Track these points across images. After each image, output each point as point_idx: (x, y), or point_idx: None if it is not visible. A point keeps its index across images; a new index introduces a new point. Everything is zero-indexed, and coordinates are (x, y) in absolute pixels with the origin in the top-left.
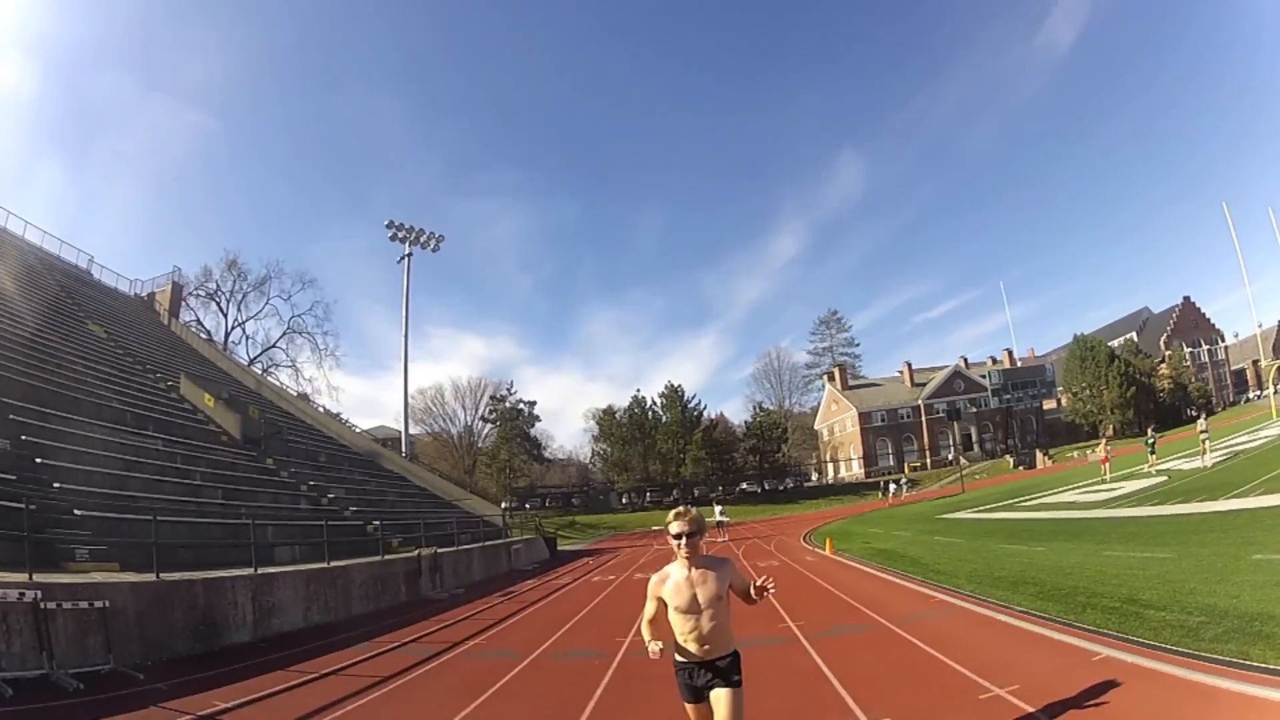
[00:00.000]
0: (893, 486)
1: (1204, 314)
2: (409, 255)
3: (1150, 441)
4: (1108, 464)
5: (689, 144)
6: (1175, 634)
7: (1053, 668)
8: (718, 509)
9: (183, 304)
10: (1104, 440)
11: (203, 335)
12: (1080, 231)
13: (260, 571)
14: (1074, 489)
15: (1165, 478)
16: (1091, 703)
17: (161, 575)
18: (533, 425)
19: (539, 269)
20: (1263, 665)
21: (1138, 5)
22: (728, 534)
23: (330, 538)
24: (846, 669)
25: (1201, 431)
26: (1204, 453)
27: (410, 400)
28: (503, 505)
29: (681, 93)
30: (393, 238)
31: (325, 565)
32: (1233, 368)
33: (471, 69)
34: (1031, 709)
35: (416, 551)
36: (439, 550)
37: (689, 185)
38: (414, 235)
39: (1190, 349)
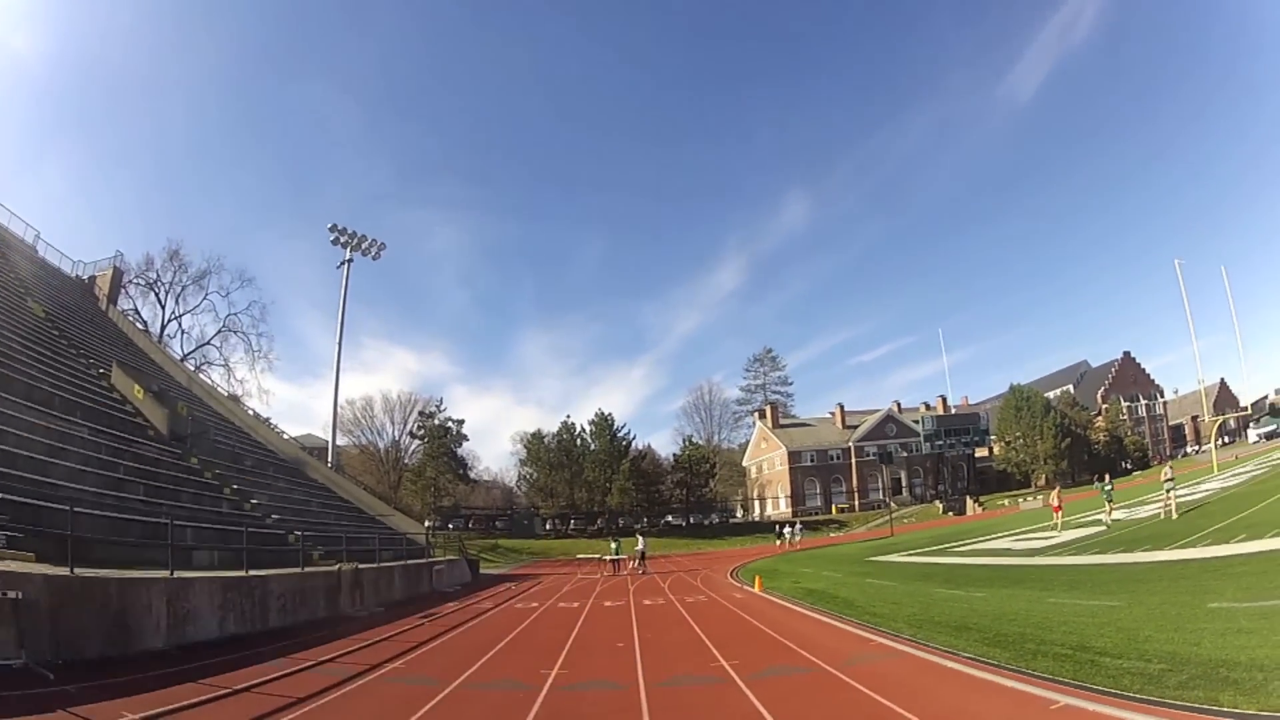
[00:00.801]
0: (787, 530)
1: (1143, 369)
2: (349, 261)
3: (1107, 489)
4: (1060, 512)
5: (636, 170)
6: (1136, 681)
7: (1009, 716)
8: (640, 540)
9: (122, 291)
10: (1055, 489)
11: (139, 325)
12: (1024, 283)
13: (177, 575)
14: (1010, 536)
15: (1104, 527)
16: None
17: (76, 570)
18: (460, 444)
19: (476, 286)
20: (1234, 710)
21: (1102, 60)
22: (648, 564)
23: (250, 545)
24: (788, 713)
25: (1167, 480)
26: (1167, 503)
27: (339, 410)
28: (426, 524)
29: (634, 120)
30: (335, 241)
31: (244, 574)
32: (1171, 423)
33: (427, 78)
34: None
35: (338, 566)
36: (360, 566)
37: (633, 212)
38: (356, 241)
39: (1128, 403)
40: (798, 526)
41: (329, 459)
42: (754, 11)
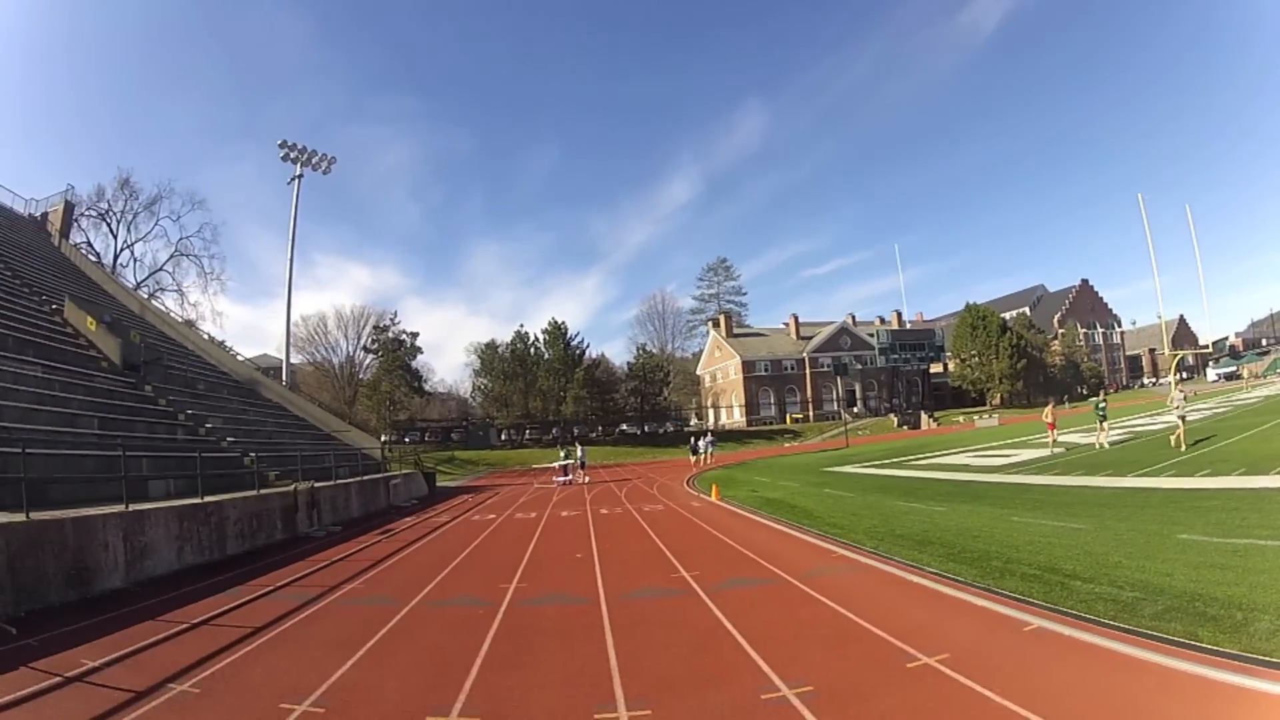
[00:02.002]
0: (702, 443)
1: (1101, 298)
2: (300, 177)
3: (1101, 407)
4: (1055, 429)
5: (590, 83)
6: (1110, 608)
7: (981, 636)
8: (579, 449)
9: (74, 224)
10: (1050, 404)
11: (92, 258)
12: (984, 207)
13: (132, 508)
14: (968, 452)
15: (1063, 449)
16: (1035, 679)
17: (31, 515)
18: (414, 357)
19: (427, 198)
20: (1216, 648)
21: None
22: (588, 474)
23: (205, 470)
24: (753, 627)
25: (1100, 406)
26: (1101, 432)
27: (293, 328)
28: (382, 438)
29: (587, 35)
30: (284, 158)
31: (199, 501)
32: (1128, 353)
33: None
34: (971, 682)
35: (293, 486)
36: (316, 485)
37: (586, 123)
38: (306, 156)
39: (1085, 330)
40: (709, 439)
41: (284, 377)
42: None
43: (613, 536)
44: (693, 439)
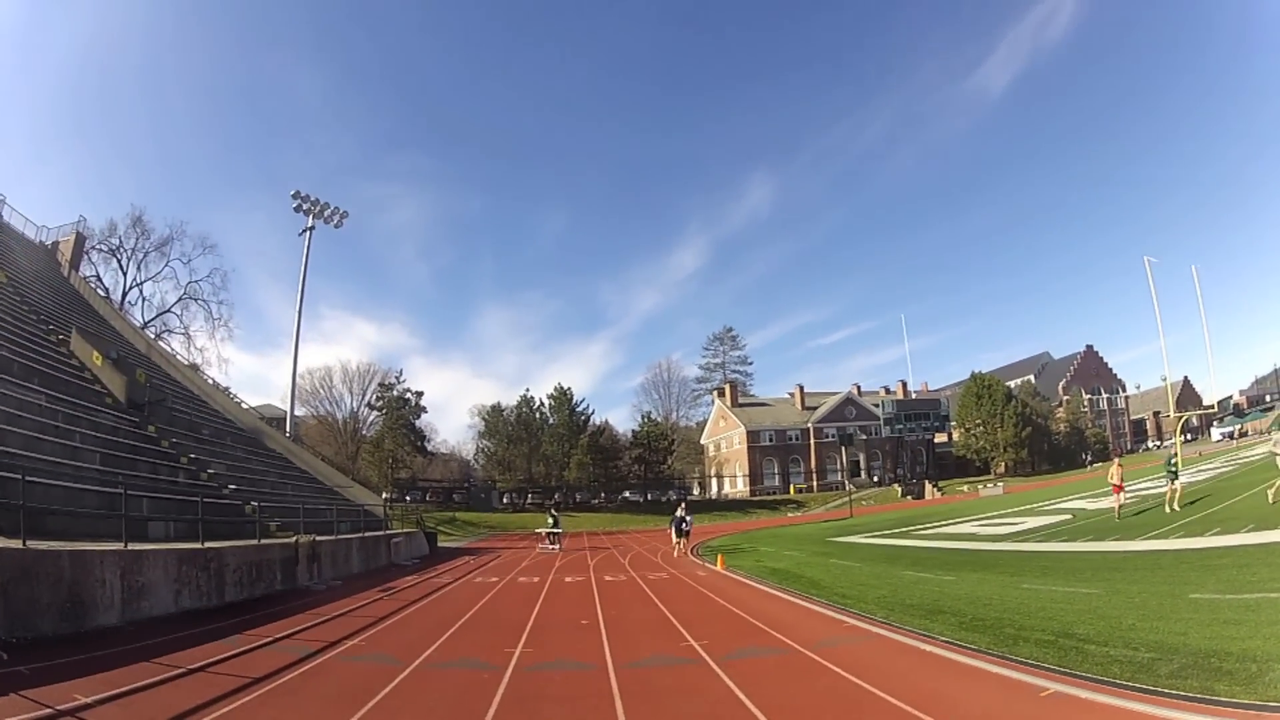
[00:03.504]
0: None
1: (1105, 363)
2: (311, 229)
3: (1172, 463)
4: (1121, 490)
5: (602, 149)
6: (1126, 670)
7: (997, 703)
8: (549, 518)
9: (84, 257)
10: (1115, 463)
11: (100, 292)
12: (989, 275)
13: (131, 547)
14: (974, 521)
15: (1070, 516)
16: None
17: (28, 543)
18: (419, 416)
19: (437, 259)
20: (1232, 700)
21: (1073, 57)
22: (562, 543)
23: (206, 516)
24: (766, 697)
25: (1172, 463)
26: (1173, 491)
27: (298, 380)
28: (384, 496)
29: (600, 102)
30: (297, 209)
31: (199, 546)
32: (1132, 417)
33: (392, 47)
34: None
35: (295, 538)
36: (318, 538)
37: (596, 189)
38: (319, 208)
39: (1089, 395)
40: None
41: (287, 429)
42: None
43: (618, 603)
44: (680, 515)
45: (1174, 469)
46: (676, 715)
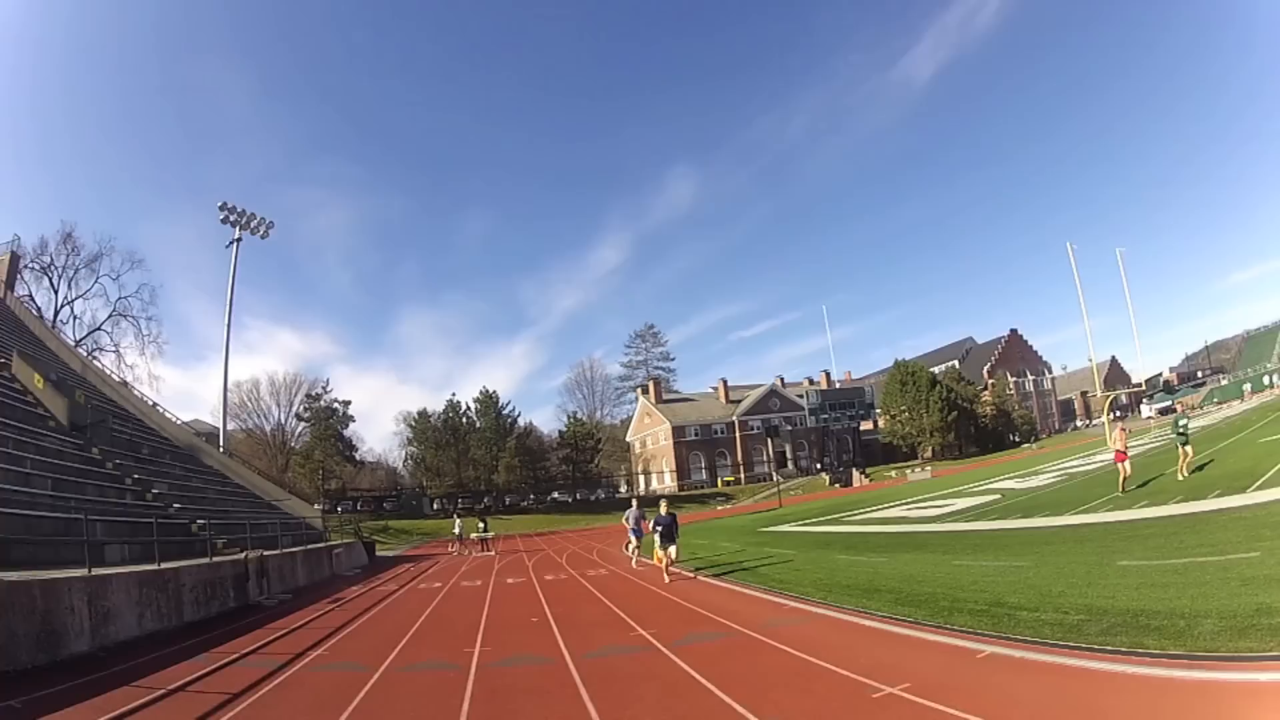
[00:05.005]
0: (462, 527)
1: (1030, 346)
2: (238, 240)
3: (1181, 426)
4: (1126, 458)
5: (522, 147)
6: (1057, 631)
7: (938, 666)
8: (480, 524)
9: (18, 276)
10: (1119, 427)
11: (34, 312)
12: (912, 263)
13: (95, 573)
14: (902, 505)
15: (999, 496)
16: (996, 695)
17: (1, 575)
18: (347, 425)
19: (360, 264)
20: (1163, 652)
21: (999, 44)
22: (495, 547)
23: (158, 537)
24: (720, 675)
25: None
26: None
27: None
28: (317, 507)
29: (523, 100)
30: (224, 220)
31: (156, 567)
32: (1060, 398)
33: (314, 54)
34: (936, 704)
35: (244, 554)
36: (265, 553)
37: (518, 190)
38: (245, 219)
39: (1015, 378)
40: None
41: (220, 444)
42: None
43: (563, 601)
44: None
45: (1184, 432)
46: (639, 696)
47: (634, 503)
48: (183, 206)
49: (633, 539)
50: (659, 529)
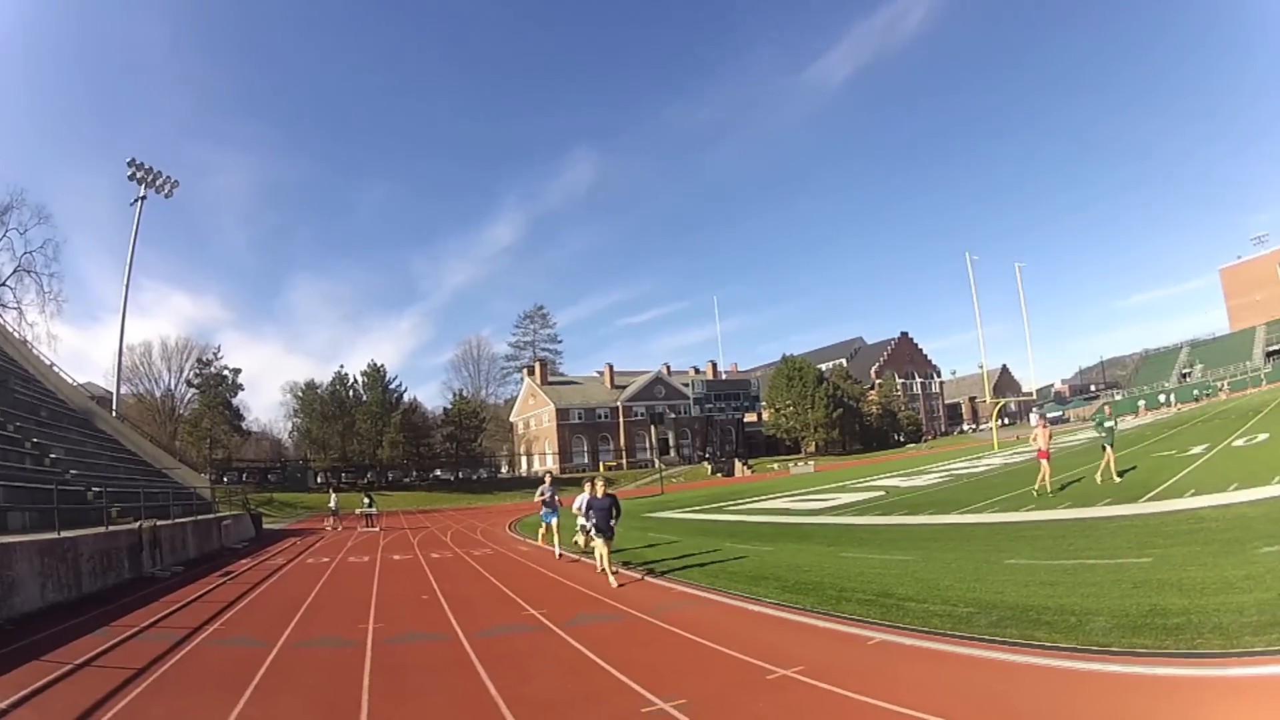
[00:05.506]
0: (338, 502)
1: (920, 349)
2: (143, 198)
3: (1106, 426)
4: (1047, 457)
5: (425, 117)
6: (946, 622)
7: (830, 651)
8: (365, 500)
9: None
10: (1041, 424)
11: None
12: (808, 260)
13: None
14: (786, 497)
15: (884, 493)
16: (887, 678)
17: None
18: (235, 394)
19: (255, 227)
20: (1054, 645)
21: (916, 54)
22: (380, 524)
23: (57, 504)
24: (614, 656)
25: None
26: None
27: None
28: (205, 477)
29: (431, 67)
30: (131, 177)
31: (57, 536)
32: (948, 401)
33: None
34: (829, 686)
35: (139, 524)
36: (158, 523)
37: (417, 160)
38: (152, 176)
39: (903, 380)
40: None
41: (113, 408)
42: None
43: (451, 579)
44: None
45: (1109, 433)
46: (536, 673)
47: (547, 477)
48: (87, 157)
49: (547, 522)
50: (592, 516)
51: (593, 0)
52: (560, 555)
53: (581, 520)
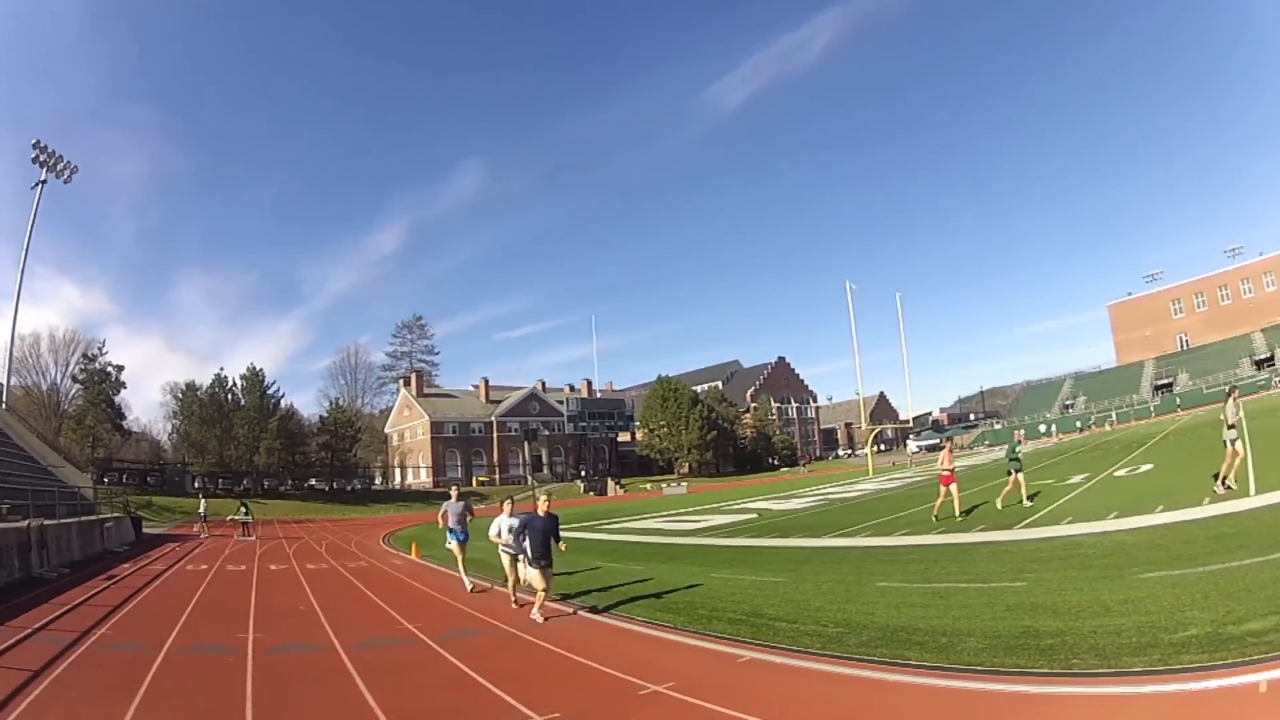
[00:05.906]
0: (207, 508)
1: (797, 374)
2: (43, 183)
3: (1016, 452)
4: (953, 481)
5: (318, 115)
6: (816, 642)
7: (700, 668)
8: (241, 508)
9: None
10: (946, 448)
11: None
12: (687, 282)
13: None
14: (659, 517)
15: (756, 515)
16: (757, 695)
17: None
18: (119, 392)
19: (145, 218)
20: (924, 664)
21: (810, 85)
22: (255, 532)
23: None
24: (490, 670)
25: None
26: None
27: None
28: (88, 476)
29: (331, 58)
30: (34, 159)
31: None
32: (823, 427)
33: None
34: (700, 701)
35: (28, 522)
36: (45, 522)
37: (303, 159)
38: (53, 160)
39: (779, 404)
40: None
41: (2, 400)
42: None
43: (327, 590)
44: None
45: (1017, 458)
46: (414, 686)
47: (453, 493)
48: None
49: (453, 543)
50: (524, 540)
51: (491, 4)
52: (472, 588)
53: (504, 548)
